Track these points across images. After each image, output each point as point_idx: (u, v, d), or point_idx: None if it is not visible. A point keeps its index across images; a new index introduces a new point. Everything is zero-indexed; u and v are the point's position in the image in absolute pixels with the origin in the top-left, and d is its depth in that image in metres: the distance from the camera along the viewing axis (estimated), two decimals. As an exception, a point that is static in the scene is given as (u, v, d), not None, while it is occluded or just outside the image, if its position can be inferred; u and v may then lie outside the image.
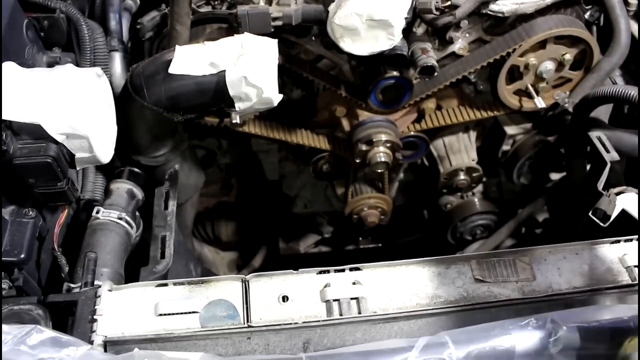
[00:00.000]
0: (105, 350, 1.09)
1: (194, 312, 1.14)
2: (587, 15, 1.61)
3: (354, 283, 1.19)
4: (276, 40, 1.41)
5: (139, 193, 1.54)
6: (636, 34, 1.64)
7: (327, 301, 1.16)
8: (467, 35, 1.61)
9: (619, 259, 1.23)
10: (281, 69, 1.40)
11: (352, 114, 1.76)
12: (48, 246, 1.35)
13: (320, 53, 1.61)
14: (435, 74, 1.56)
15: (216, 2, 1.57)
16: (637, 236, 1.23)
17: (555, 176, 2.07)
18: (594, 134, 1.58)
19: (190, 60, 1.36)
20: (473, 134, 1.95)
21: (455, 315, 1.16)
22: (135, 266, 1.42)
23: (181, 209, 1.75)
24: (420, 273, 1.21)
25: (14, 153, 1.18)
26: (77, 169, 1.32)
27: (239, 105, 1.39)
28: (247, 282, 1.18)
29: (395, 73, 1.64)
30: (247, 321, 1.13)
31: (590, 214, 1.39)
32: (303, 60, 1.64)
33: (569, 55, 1.61)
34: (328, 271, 1.21)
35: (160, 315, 1.13)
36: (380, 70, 1.64)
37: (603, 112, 1.62)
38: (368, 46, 1.42)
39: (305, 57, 1.64)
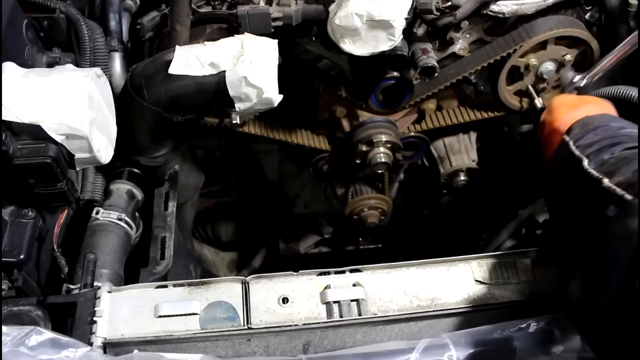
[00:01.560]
0: (105, 352, 1.09)
1: (193, 314, 1.13)
2: (587, 16, 1.61)
3: (354, 285, 1.18)
4: (276, 41, 1.41)
5: (139, 194, 1.54)
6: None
7: (327, 303, 1.16)
8: (468, 35, 1.61)
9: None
10: (281, 70, 1.39)
11: (353, 115, 1.76)
12: (47, 247, 1.34)
13: (321, 53, 1.61)
14: (436, 74, 1.56)
15: (216, 3, 1.57)
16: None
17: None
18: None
19: (190, 60, 1.36)
20: (473, 135, 1.95)
21: (456, 318, 1.16)
22: (135, 267, 1.42)
23: (181, 210, 1.75)
24: (420, 275, 1.21)
25: (13, 153, 1.18)
26: (77, 169, 1.32)
27: (239, 106, 1.39)
28: (247, 284, 1.18)
29: (395, 74, 1.63)
30: (247, 323, 1.13)
31: None
32: (303, 61, 1.64)
33: (569, 56, 1.60)
34: (328, 273, 1.21)
35: (160, 316, 1.13)
36: (380, 71, 1.63)
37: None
38: (368, 47, 1.42)
39: (306, 57, 1.64)
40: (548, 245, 1.25)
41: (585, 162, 1.05)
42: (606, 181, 0.98)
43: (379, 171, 1.76)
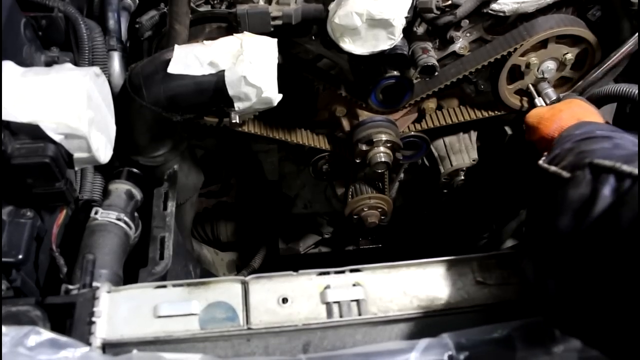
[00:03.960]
0: (104, 352, 1.09)
1: (193, 314, 1.13)
2: (588, 15, 1.60)
3: (354, 285, 1.18)
4: (276, 40, 1.40)
5: (138, 194, 1.53)
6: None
7: (327, 303, 1.15)
8: (468, 34, 1.60)
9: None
10: (281, 69, 1.39)
11: (352, 114, 1.75)
12: (46, 247, 1.33)
13: (320, 52, 1.60)
14: (436, 73, 1.55)
15: (215, 2, 1.56)
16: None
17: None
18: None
19: (189, 59, 1.35)
20: (474, 134, 1.95)
21: (456, 317, 1.15)
22: (134, 267, 1.42)
23: (180, 210, 1.75)
24: (421, 275, 1.21)
25: (11, 153, 1.17)
26: (76, 169, 1.31)
27: (238, 105, 1.39)
28: (246, 284, 1.18)
29: (395, 73, 1.63)
30: (247, 323, 1.12)
31: None
32: (303, 60, 1.63)
33: (570, 54, 1.60)
34: (328, 273, 1.20)
35: (159, 317, 1.12)
36: (380, 70, 1.63)
37: (607, 112, 1.62)
38: (368, 46, 1.42)
39: (305, 56, 1.64)
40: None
41: (540, 161, 1.14)
42: (553, 167, 1.07)
43: (379, 171, 1.76)
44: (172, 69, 1.35)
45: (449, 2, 1.44)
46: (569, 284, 0.96)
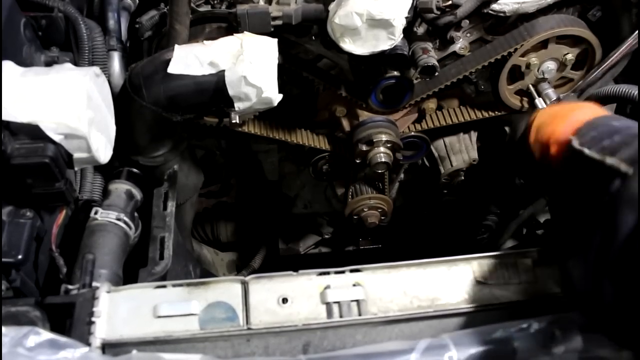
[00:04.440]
0: (104, 353, 1.08)
1: (192, 314, 1.13)
2: (589, 15, 1.60)
3: (354, 285, 1.17)
4: (276, 40, 1.40)
5: (138, 194, 1.53)
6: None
7: (327, 303, 1.15)
8: (468, 34, 1.60)
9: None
10: (281, 69, 1.39)
11: (353, 114, 1.75)
12: (46, 247, 1.33)
13: (320, 53, 1.60)
14: (436, 73, 1.55)
15: (215, 2, 1.56)
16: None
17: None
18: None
19: (189, 59, 1.35)
20: (474, 134, 1.94)
21: (457, 318, 1.15)
22: (133, 267, 1.42)
23: (180, 210, 1.75)
24: (421, 275, 1.20)
25: (11, 153, 1.17)
26: (75, 169, 1.31)
27: (238, 105, 1.39)
28: (246, 284, 1.17)
29: (395, 73, 1.63)
30: (247, 323, 1.12)
31: None
32: (303, 60, 1.63)
33: (570, 55, 1.60)
34: (328, 273, 1.20)
35: (159, 317, 1.12)
36: (380, 70, 1.63)
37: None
38: (368, 46, 1.42)
39: (305, 56, 1.63)
40: (549, 245, 1.25)
41: (586, 150, 1.06)
42: (609, 159, 0.98)
43: (379, 171, 1.76)
44: (172, 69, 1.35)
45: (449, 2, 1.44)
46: (631, 289, 0.87)
